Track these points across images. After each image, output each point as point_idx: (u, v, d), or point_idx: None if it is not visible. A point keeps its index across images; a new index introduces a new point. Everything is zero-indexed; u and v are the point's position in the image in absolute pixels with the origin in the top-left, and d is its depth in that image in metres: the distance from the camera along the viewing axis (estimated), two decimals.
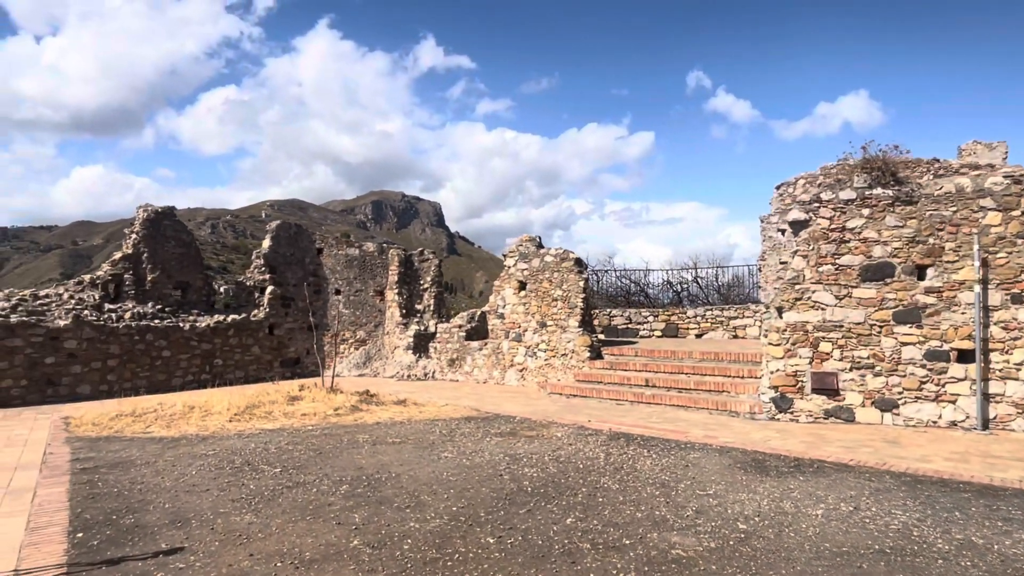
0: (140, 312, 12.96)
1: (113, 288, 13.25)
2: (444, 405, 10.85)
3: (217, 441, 7.90)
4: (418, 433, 8.39)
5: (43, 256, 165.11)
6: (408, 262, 16.80)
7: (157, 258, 13.73)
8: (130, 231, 13.68)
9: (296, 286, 15.92)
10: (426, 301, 16.76)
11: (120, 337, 12.33)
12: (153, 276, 13.62)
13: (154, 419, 9.38)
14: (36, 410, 10.61)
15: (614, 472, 6.28)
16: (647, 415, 9.69)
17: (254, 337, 14.76)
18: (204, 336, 13.71)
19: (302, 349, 15.88)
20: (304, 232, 16.38)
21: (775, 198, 15.53)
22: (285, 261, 15.78)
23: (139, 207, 13.87)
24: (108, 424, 9.02)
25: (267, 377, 14.98)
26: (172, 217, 14.15)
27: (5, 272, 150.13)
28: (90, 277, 13.14)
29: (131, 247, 13.48)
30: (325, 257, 16.45)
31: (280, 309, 15.44)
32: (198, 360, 13.62)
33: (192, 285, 14.38)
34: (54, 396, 11.42)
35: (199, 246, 14.81)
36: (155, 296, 13.62)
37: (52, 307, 11.91)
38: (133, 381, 12.52)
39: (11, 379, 10.92)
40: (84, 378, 11.82)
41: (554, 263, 13.45)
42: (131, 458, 7.01)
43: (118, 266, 13.30)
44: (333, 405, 10.31)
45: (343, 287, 16.39)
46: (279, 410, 9.94)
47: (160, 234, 13.87)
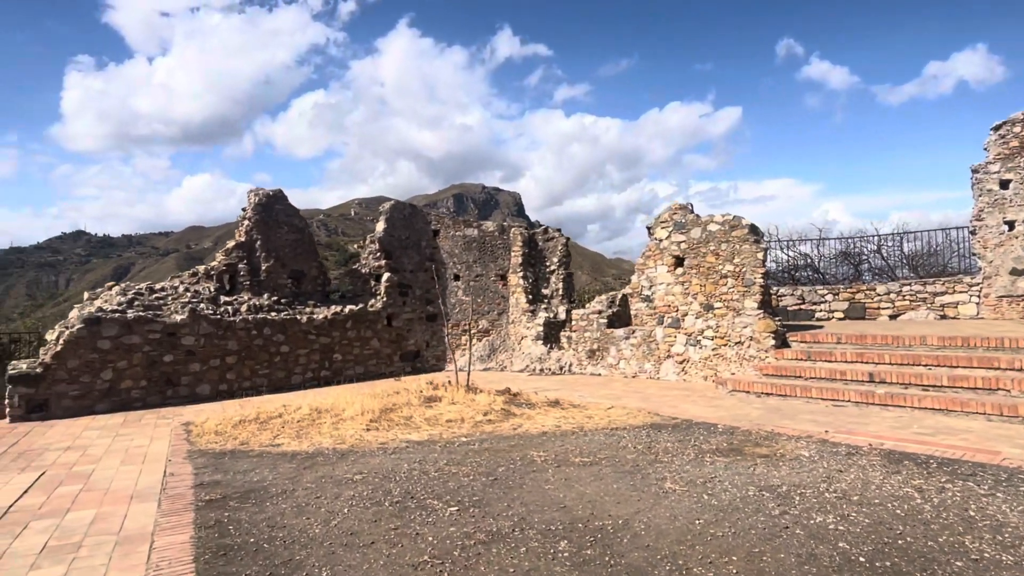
0: (256, 304, 11.89)
1: (228, 279, 12.28)
2: (609, 407, 8.87)
3: (360, 459, 6.33)
4: (604, 448, 6.45)
5: (162, 260, 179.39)
6: (532, 242, 14.95)
7: (270, 245, 12.64)
8: (242, 217, 12.67)
9: (413, 272, 14.48)
10: (553, 285, 14.85)
11: (237, 332, 11.28)
12: (267, 265, 12.55)
13: (281, 426, 8.03)
14: (156, 413, 9.64)
15: (968, 526, 4.03)
16: (900, 423, 7.25)
17: (372, 329, 13.45)
18: (322, 329, 12.51)
19: (422, 341, 14.44)
20: (419, 212, 14.91)
21: (993, 141, 12.29)
22: (400, 245, 14.37)
23: (250, 191, 12.85)
24: (232, 433, 7.75)
25: (387, 372, 13.65)
26: (284, 201, 13.04)
27: (131, 276, 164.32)
28: (204, 268, 12.22)
29: (244, 234, 12.46)
30: (442, 239, 14.91)
31: (398, 298, 14.05)
32: (317, 355, 12.44)
33: (306, 274, 13.24)
34: (174, 397, 10.49)
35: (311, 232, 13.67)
36: (270, 286, 12.55)
37: (168, 300, 11.00)
38: (252, 379, 11.47)
39: (131, 379, 10.04)
40: (203, 377, 10.83)
41: (721, 232, 11.10)
42: (263, 484, 5.52)
43: (232, 255, 12.30)
44: (479, 408, 8.60)
45: (462, 272, 14.80)
46: (419, 415, 8.34)
47: (272, 219, 12.77)
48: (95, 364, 9.70)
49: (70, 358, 9.48)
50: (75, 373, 9.51)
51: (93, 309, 10.00)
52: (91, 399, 9.65)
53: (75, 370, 9.51)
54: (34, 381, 9.17)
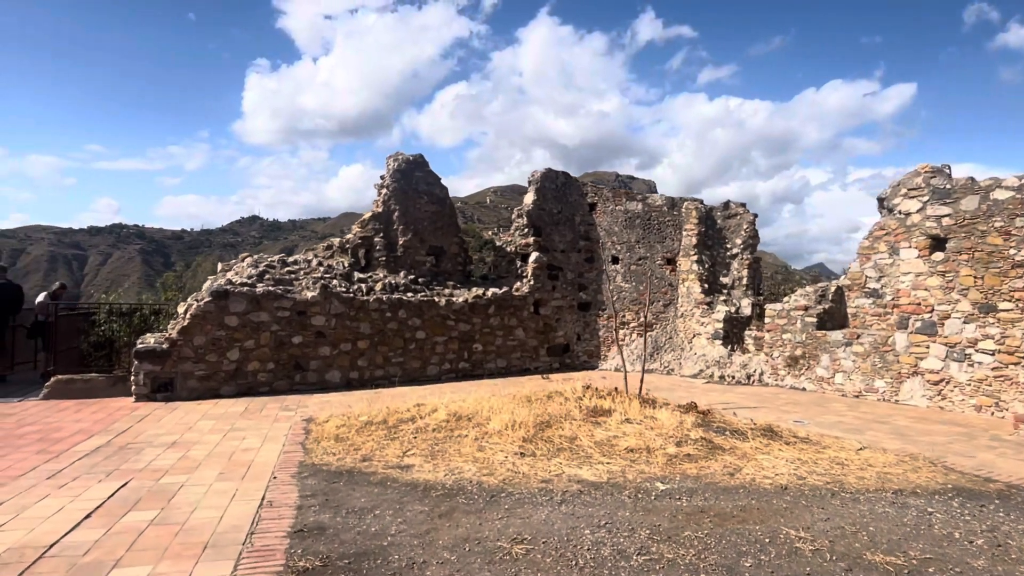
0: (391, 283, 10.51)
1: (363, 254, 11.04)
2: (860, 448, 6.16)
3: (516, 507, 4.35)
4: (911, 535, 3.90)
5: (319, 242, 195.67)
6: (709, 219, 12.22)
7: (409, 217, 11.22)
8: (379, 185, 11.37)
9: (564, 252, 12.43)
10: (735, 272, 12.04)
11: (371, 313, 9.95)
12: (404, 239, 11.14)
13: (413, 436, 6.34)
14: (281, 402, 8.48)
15: None
16: None
17: (517, 317, 11.62)
18: (461, 314, 10.88)
19: (572, 333, 12.38)
20: (573, 183, 12.79)
21: None
22: (552, 221, 12.36)
23: (389, 156, 11.51)
24: (354, 440, 6.18)
25: (532, 368, 11.77)
26: (424, 167, 11.56)
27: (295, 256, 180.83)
28: (339, 241, 11.08)
29: (381, 204, 11.14)
30: (599, 214, 12.68)
31: (546, 282, 12.09)
32: (455, 344, 10.84)
33: (446, 251, 11.69)
34: (302, 384, 9.36)
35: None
36: (406, 263, 11.14)
37: (300, 275, 9.92)
38: (385, 368, 10.10)
39: (258, 361, 9.03)
40: (333, 362, 9.62)
41: (1014, 202, 7.74)
42: (382, 543, 3.71)
43: (368, 227, 11.04)
44: (665, 432, 6.32)
45: (622, 253, 12.47)
46: (585, 436, 6.24)
47: (412, 188, 11.34)
48: (222, 342, 8.76)
49: (197, 334, 8.59)
50: (201, 351, 8.62)
51: (223, 281, 9.09)
52: (217, 381, 8.73)
53: (201, 348, 8.62)
54: (160, 358, 8.37)
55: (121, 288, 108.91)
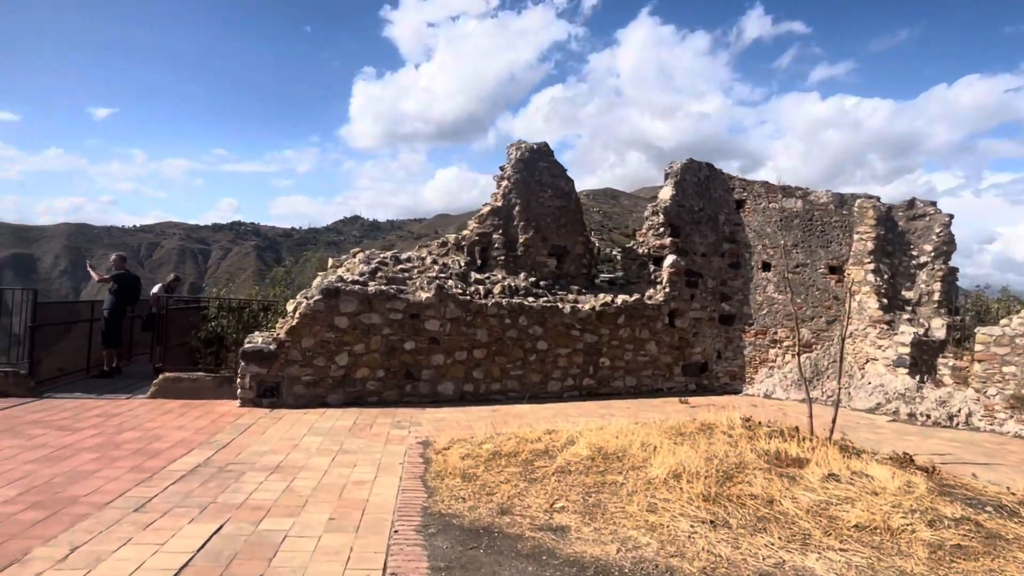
0: (511, 286, 9.36)
1: (479, 252, 9.97)
2: None
3: None
4: None
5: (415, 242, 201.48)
6: (888, 220, 10.12)
7: (530, 212, 10.04)
8: (499, 177, 10.27)
9: (705, 256, 10.77)
10: (923, 285, 9.87)
11: (488, 319, 8.83)
12: (525, 237, 9.96)
13: (554, 479, 5.07)
14: (391, 416, 7.53)
15: None
16: None
17: (649, 328, 10.11)
18: (588, 323, 9.53)
19: (711, 350, 10.69)
20: (718, 177, 11.09)
21: None
22: (691, 219, 10.74)
23: (511, 145, 10.39)
24: (484, 478, 5.01)
25: (665, 388, 10.22)
26: (549, 157, 10.34)
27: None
28: (455, 238, 10.09)
29: (500, 198, 10.03)
30: (748, 213, 10.90)
31: (684, 289, 10.49)
32: (580, 357, 9.52)
33: (570, 251, 10.40)
34: (412, 395, 8.39)
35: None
36: (527, 264, 9.96)
37: (414, 274, 8.99)
38: (502, 381, 8.95)
39: (367, 368, 8.15)
40: (447, 372, 8.59)
41: None
42: None
43: (486, 223, 9.96)
44: (891, 498, 4.65)
45: (775, 259, 10.63)
46: (784, 496, 4.68)
47: (534, 179, 10.15)
48: (330, 345, 7.95)
49: (305, 335, 7.83)
50: (309, 354, 7.85)
51: (334, 278, 8.29)
52: (324, 387, 7.93)
53: (309, 351, 7.85)
54: (267, 360, 7.67)
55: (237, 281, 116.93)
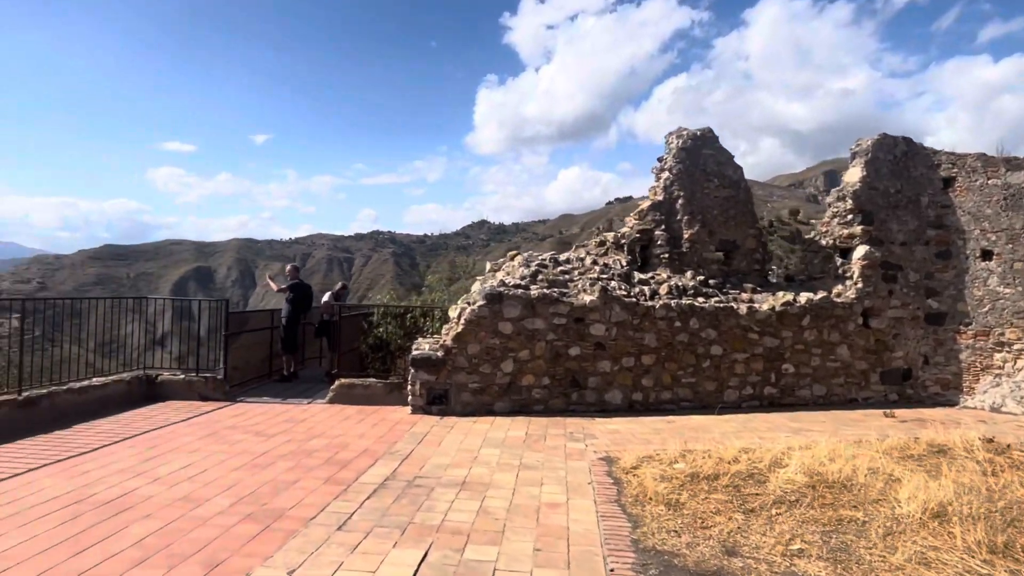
0: (678, 285, 8.60)
1: (640, 250, 9.31)
2: None
3: None
4: None
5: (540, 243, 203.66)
6: None
7: (695, 205, 9.20)
8: (658, 169, 9.54)
9: (905, 245, 9.25)
10: None
11: (656, 322, 8.16)
12: (690, 232, 9.14)
13: (773, 511, 4.33)
14: (561, 426, 7.13)
15: None
16: None
17: (839, 330, 8.84)
18: (767, 325, 8.52)
19: (915, 355, 9.15)
20: (918, 153, 9.49)
21: None
22: (887, 204, 9.28)
23: (670, 134, 9.61)
24: (693, 508, 4.39)
25: (860, 398, 8.89)
26: (713, 144, 9.43)
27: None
28: (613, 236, 9.51)
29: (661, 191, 9.30)
30: (959, 192, 9.21)
31: (880, 284, 9.07)
32: (759, 363, 8.53)
33: (740, 246, 9.40)
34: (579, 403, 7.95)
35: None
36: (692, 261, 9.13)
37: (574, 275, 8.54)
38: (673, 389, 8.23)
39: (532, 375, 7.83)
40: (614, 380, 8.04)
41: None
42: None
43: (646, 219, 9.28)
44: None
45: (999, 246, 8.87)
46: None
47: (699, 169, 9.30)
48: (496, 352, 7.73)
49: (471, 342, 7.67)
50: (475, 361, 7.68)
51: (495, 283, 8.08)
52: (490, 395, 7.72)
53: (475, 357, 7.68)
54: (435, 366, 7.60)
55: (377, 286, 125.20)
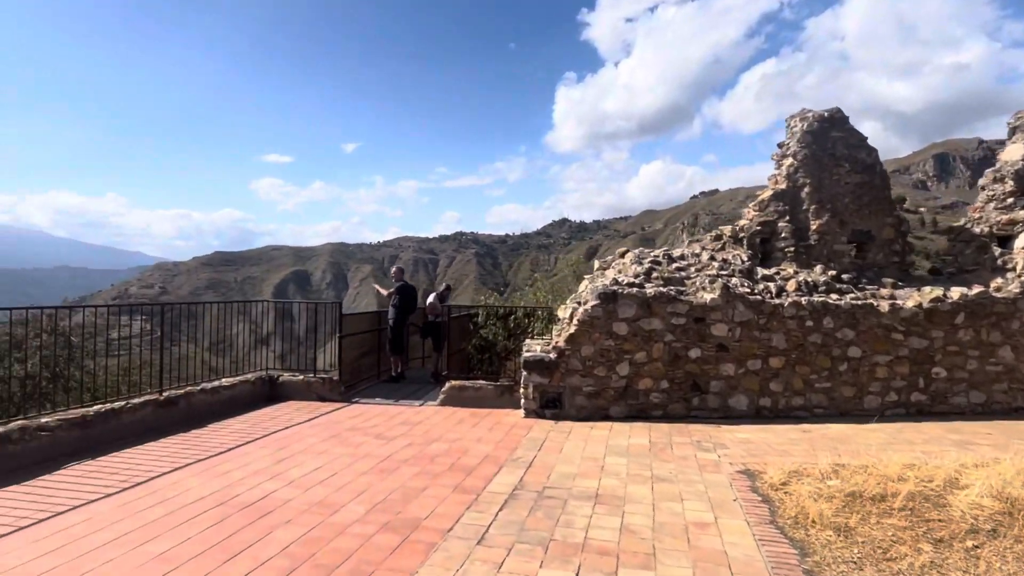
0: (807, 281, 7.87)
1: (760, 244, 8.63)
2: None
3: None
4: None
5: (622, 241, 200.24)
6: None
7: (824, 193, 8.41)
8: (779, 156, 8.81)
9: None
10: None
11: (785, 321, 7.49)
12: (818, 223, 8.36)
13: (970, 539, 3.72)
14: (685, 433, 6.66)
15: None
16: None
17: (1001, 330, 7.77)
18: (913, 324, 7.61)
19: None
20: None
21: None
22: None
23: (792, 117, 8.85)
24: (866, 535, 3.86)
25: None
26: (843, 125, 8.59)
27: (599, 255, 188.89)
28: (731, 229, 8.88)
29: (783, 179, 8.57)
30: None
31: None
32: (904, 366, 7.64)
33: (875, 237, 8.51)
34: (700, 409, 7.43)
35: None
36: (822, 255, 8.35)
37: (691, 273, 8.02)
38: (805, 395, 7.53)
39: (649, 378, 7.40)
40: (738, 384, 7.46)
41: None
42: None
43: (767, 210, 8.59)
44: None
45: None
46: None
47: (827, 154, 8.49)
48: (610, 354, 7.37)
49: (584, 343, 7.36)
50: (589, 364, 7.35)
51: (607, 281, 7.71)
52: (605, 399, 7.37)
53: (589, 359, 7.35)
54: (548, 369, 7.35)
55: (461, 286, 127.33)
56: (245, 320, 8.96)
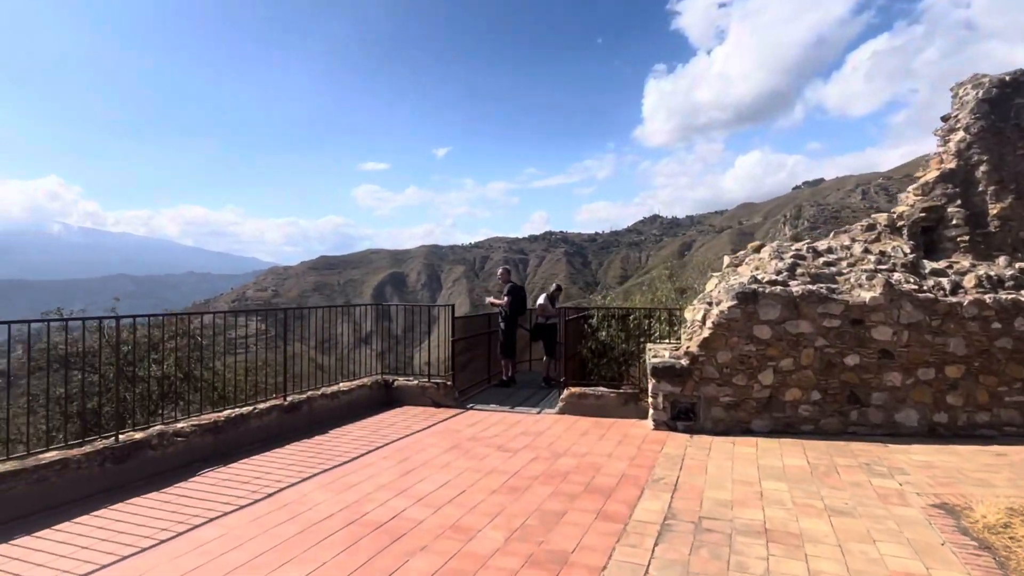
0: (989, 276, 6.67)
1: (922, 233, 7.46)
2: None
3: None
4: None
5: (718, 236, 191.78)
6: None
7: (1005, 172, 7.13)
8: (945, 131, 7.58)
9: None
10: None
11: (964, 323, 6.37)
12: (1000, 206, 7.09)
13: None
14: (851, 457, 5.76)
15: None
16: None
17: None
18: None
19: None
20: None
21: None
22: None
23: (959, 84, 7.58)
24: None
25: None
26: None
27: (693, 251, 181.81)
28: (886, 217, 7.75)
29: (952, 157, 7.35)
30: None
31: None
32: None
33: None
34: (860, 424, 6.46)
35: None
36: (1005, 244, 7.08)
37: (842, 267, 7.03)
38: (992, 410, 6.36)
39: (797, 388, 6.53)
40: (906, 396, 6.42)
41: None
42: None
43: (932, 193, 7.40)
44: None
45: None
46: None
47: (1009, 124, 7.18)
48: (751, 360, 6.57)
49: (720, 348, 6.61)
50: (727, 371, 6.60)
51: (744, 279, 6.90)
52: (746, 411, 6.59)
53: (727, 366, 6.60)
54: (679, 377, 6.68)
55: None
56: (348, 321, 9.06)
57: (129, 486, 4.76)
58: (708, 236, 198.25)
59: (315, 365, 8.30)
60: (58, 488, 4.33)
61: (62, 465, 4.38)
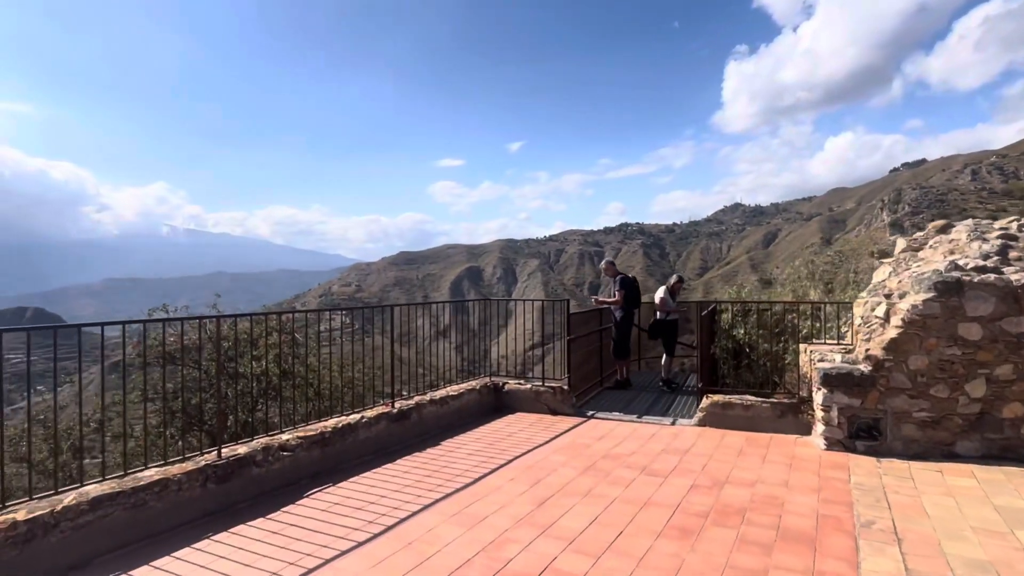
0: None
1: None
2: None
3: None
4: None
5: (806, 224, 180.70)
6: None
7: None
8: None
9: None
10: None
11: None
12: None
13: None
14: None
15: None
16: None
17: None
18: None
19: None
20: None
21: None
22: None
23: None
24: None
25: None
26: None
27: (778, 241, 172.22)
28: None
29: None
30: None
31: None
32: None
33: None
34: None
35: None
36: None
37: None
38: None
39: (1019, 403, 5.16)
40: None
41: None
42: None
43: None
44: None
45: None
46: None
47: None
48: (955, 367, 5.26)
49: (912, 352, 5.34)
50: (922, 380, 5.32)
51: (938, 266, 5.56)
52: (948, 430, 5.29)
53: (921, 374, 5.32)
54: (859, 387, 5.46)
55: None
56: (426, 315, 8.61)
57: (233, 509, 4.20)
58: (795, 224, 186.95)
59: (421, 367, 7.77)
60: (158, 514, 3.79)
61: (162, 487, 3.84)
